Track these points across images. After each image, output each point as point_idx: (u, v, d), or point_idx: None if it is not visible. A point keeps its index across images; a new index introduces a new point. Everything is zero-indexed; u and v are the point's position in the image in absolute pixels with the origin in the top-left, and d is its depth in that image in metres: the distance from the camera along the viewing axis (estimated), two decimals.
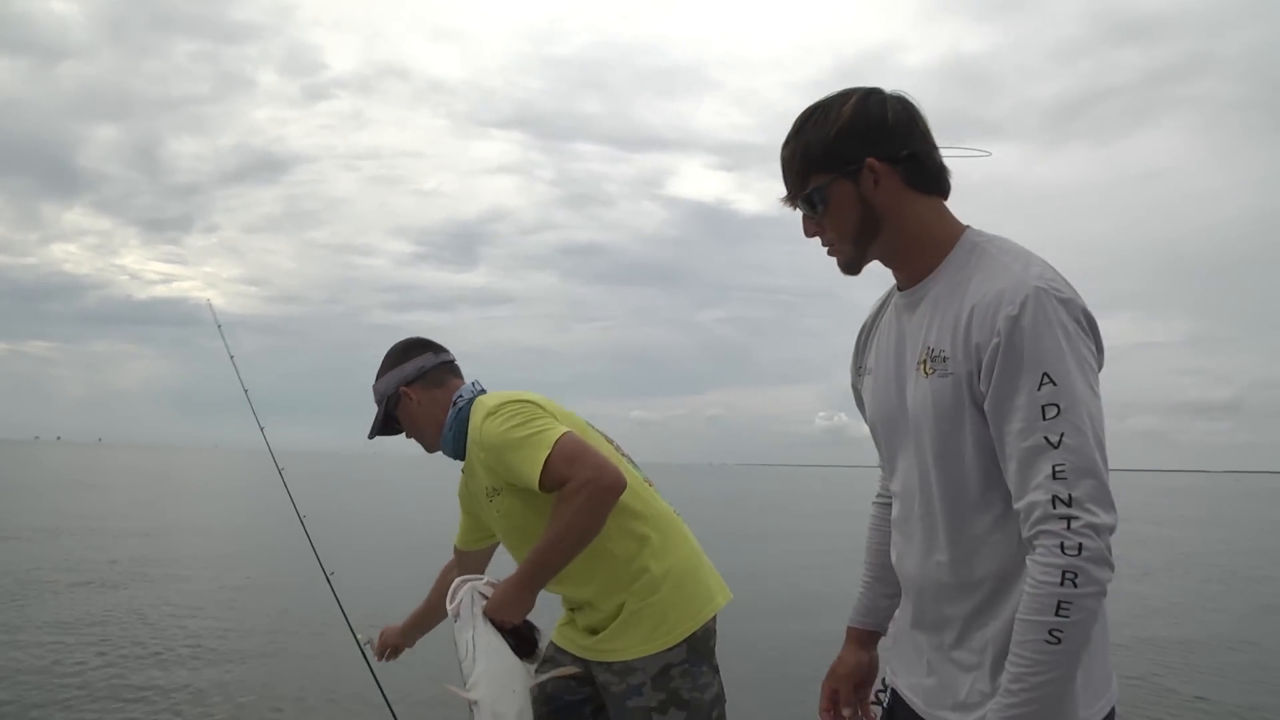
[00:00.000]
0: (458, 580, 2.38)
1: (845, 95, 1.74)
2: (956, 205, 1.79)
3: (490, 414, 2.37)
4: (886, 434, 1.88)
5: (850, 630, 2.18)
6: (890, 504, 1.98)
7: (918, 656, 1.84)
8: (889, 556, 1.97)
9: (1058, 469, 1.52)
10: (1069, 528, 1.50)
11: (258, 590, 12.72)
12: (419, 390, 2.58)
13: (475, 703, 2.21)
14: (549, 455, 2.23)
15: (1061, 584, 1.49)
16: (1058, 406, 1.53)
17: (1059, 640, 1.49)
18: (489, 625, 2.28)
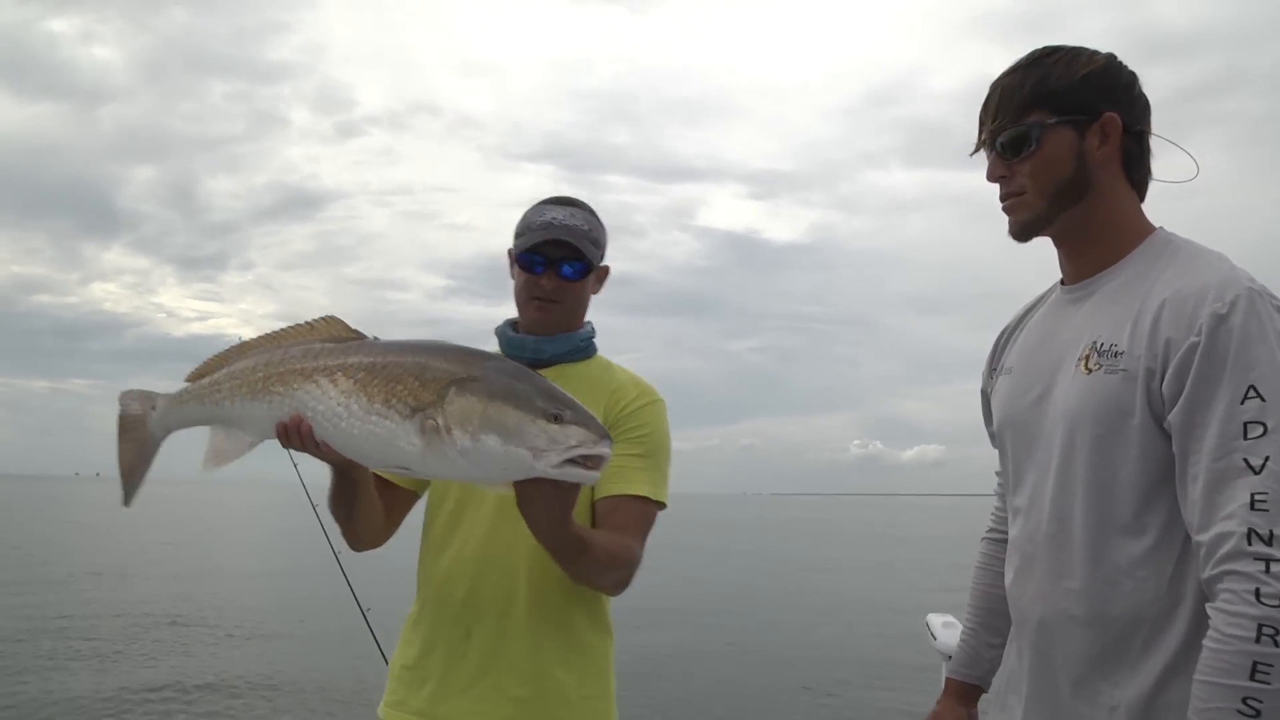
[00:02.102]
0: None
1: (1091, 50, 1.58)
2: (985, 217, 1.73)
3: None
4: (1016, 441, 1.65)
5: (949, 682, 1.92)
6: (1002, 540, 1.78)
7: (1028, 705, 1.58)
8: (997, 600, 1.74)
9: (1257, 499, 1.28)
10: (1268, 571, 1.25)
11: (294, 630, 12.71)
12: None
13: None
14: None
15: (1258, 640, 1.24)
16: (1263, 425, 1.30)
17: (1256, 712, 1.23)
18: None
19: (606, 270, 2.24)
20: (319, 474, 2.08)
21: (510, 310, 2.23)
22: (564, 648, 2.05)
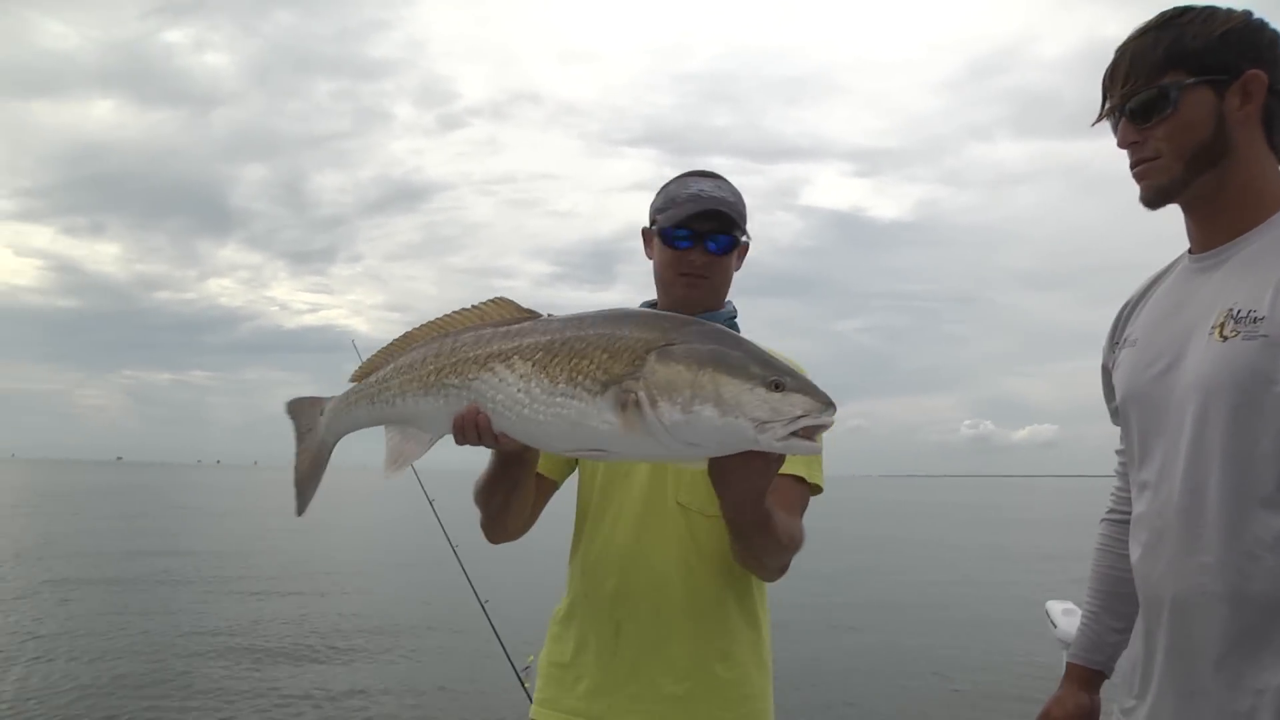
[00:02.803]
0: None
1: (1227, 9, 1.52)
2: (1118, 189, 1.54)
3: None
4: (1142, 413, 1.60)
5: (1071, 667, 1.87)
6: (1124, 520, 1.73)
7: (1161, 687, 1.52)
8: (1120, 583, 1.71)
9: None
10: None
11: (412, 622, 12.92)
12: None
13: None
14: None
15: None
16: None
17: None
18: None
19: (747, 247, 2.15)
20: (433, 459, 2.10)
21: (620, 295, 2.21)
22: (723, 642, 1.98)
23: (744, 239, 2.09)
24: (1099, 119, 1.60)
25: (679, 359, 1.53)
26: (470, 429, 1.67)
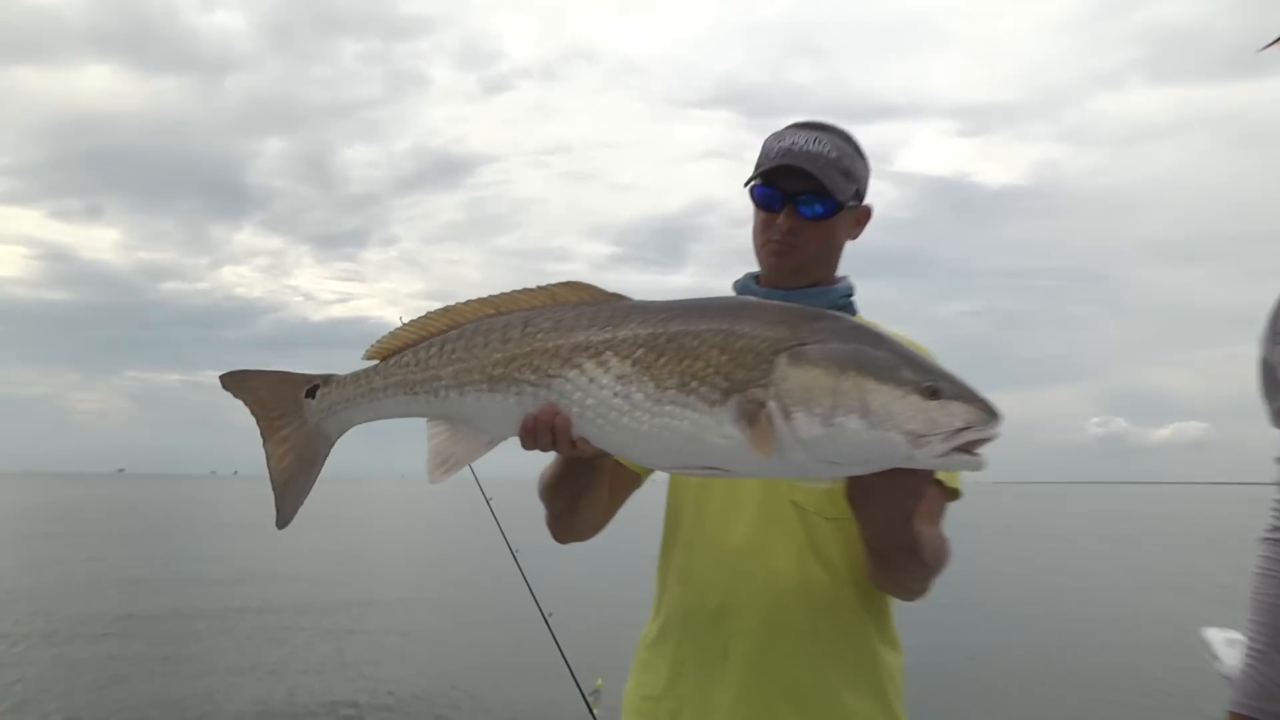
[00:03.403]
0: None
1: None
2: None
3: None
4: None
5: (1234, 718, 1.84)
6: None
7: None
8: None
9: None
10: None
11: (473, 636, 13.25)
12: None
13: None
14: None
15: None
16: None
17: None
18: None
19: (868, 212, 2.09)
20: (490, 464, 2.04)
21: (691, 279, 2.20)
22: (851, 666, 1.94)
23: (851, 204, 2.02)
24: (1271, 44, 1.53)
25: (815, 361, 1.49)
26: (545, 433, 1.63)
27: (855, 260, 2.06)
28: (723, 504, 2.00)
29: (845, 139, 2.04)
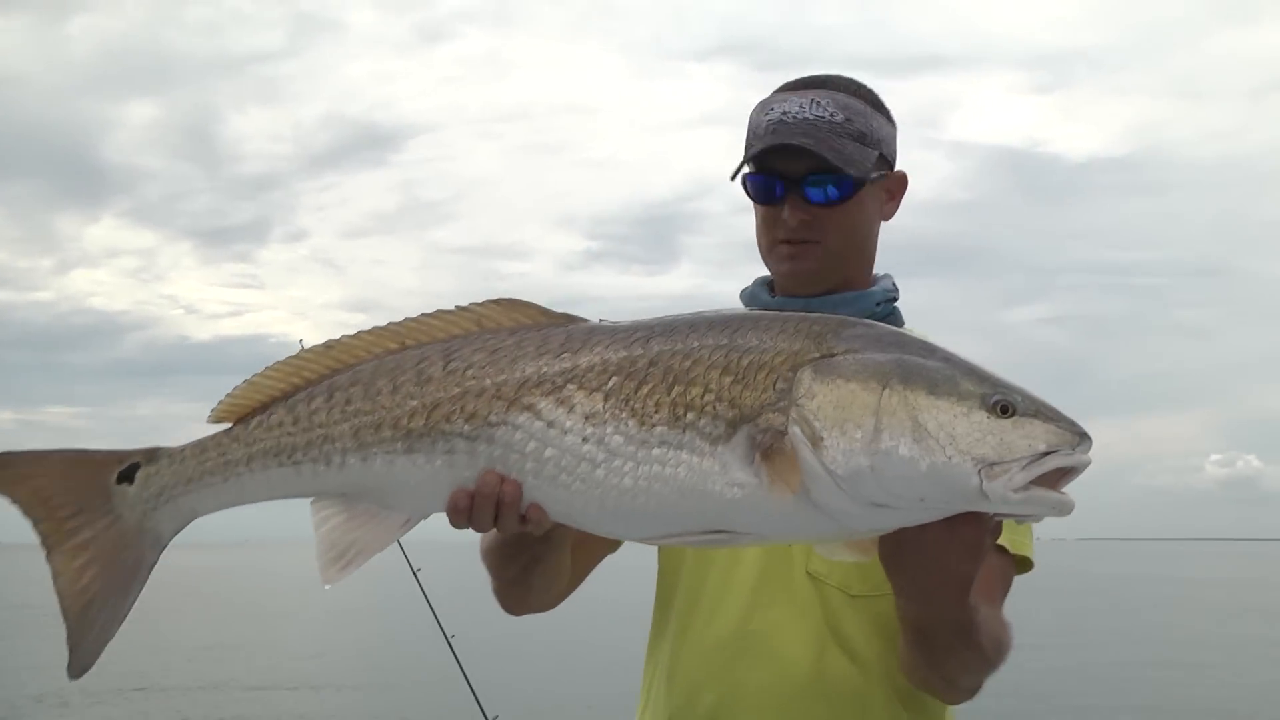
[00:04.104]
0: None
1: None
2: None
3: None
4: None
5: None
6: None
7: None
8: None
9: None
10: None
11: None
12: None
13: None
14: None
15: None
16: None
17: None
18: None
19: (902, 180, 2.10)
20: (417, 529, 2.01)
21: (685, 280, 2.23)
22: None
23: (875, 175, 2.00)
24: None
25: (849, 374, 1.47)
26: (487, 507, 1.57)
27: (896, 254, 2.05)
28: (720, 578, 1.98)
29: (854, 92, 2.02)
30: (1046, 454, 1.41)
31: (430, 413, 1.59)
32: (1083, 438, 1.45)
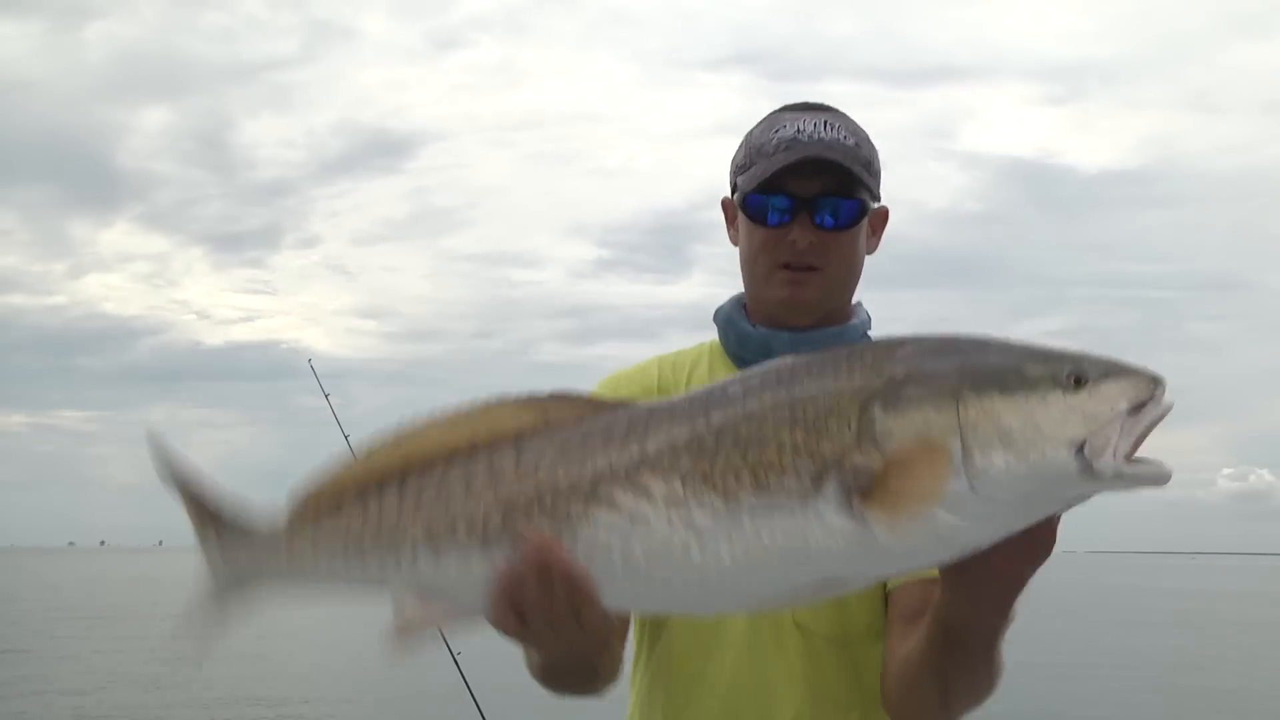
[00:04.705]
0: None
1: None
2: None
3: None
4: None
5: None
6: None
7: None
8: None
9: None
10: None
11: None
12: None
13: None
14: None
15: None
16: None
17: None
18: None
19: (885, 214, 2.09)
20: None
21: (698, 289, 2.16)
22: None
23: (874, 204, 2.01)
24: None
25: (920, 399, 1.44)
26: (564, 610, 1.49)
27: (911, 264, 1.98)
28: (701, 631, 1.98)
29: (853, 123, 2.01)
30: (1137, 409, 1.39)
31: (506, 511, 1.54)
32: (1157, 382, 1.42)
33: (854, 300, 2.09)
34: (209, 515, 1.73)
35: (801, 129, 1.94)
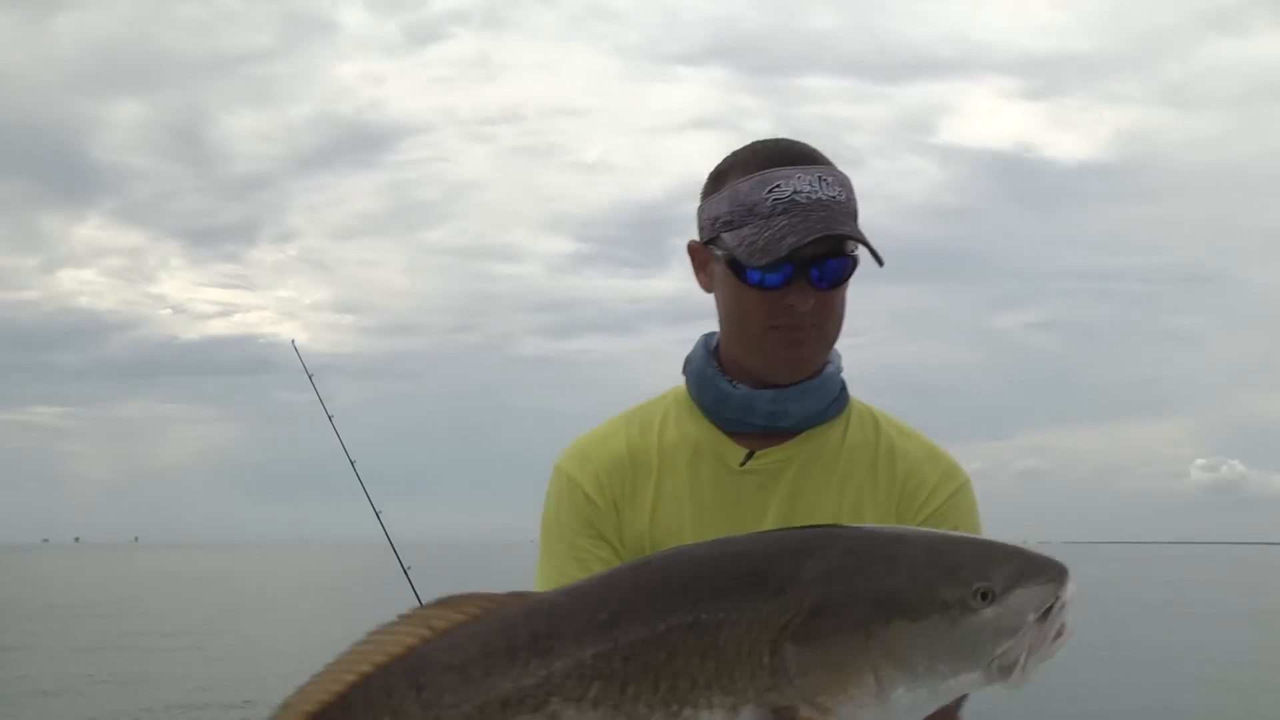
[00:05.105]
0: None
1: None
2: None
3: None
4: None
5: None
6: None
7: None
8: None
9: None
10: None
11: None
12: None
13: None
14: None
15: None
16: None
17: None
18: None
19: (858, 260, 2.03)
20: (407, 529, 1.93)
21: (676, 283, 2.05)
22: None
23: (855, 253, 1.98)
24: None
25: (830, 634, 1.41)
26: None
27: (889, 258, 1.97)
28: None
29: (837, 170, 1.98)
30: (1042, 618, 1.41)
31: None
32: (1061, 577, 1.44)
33: None
34: None
35: (799, 190, 1.90)
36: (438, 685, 1.45)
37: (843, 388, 2.07)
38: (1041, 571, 1.43)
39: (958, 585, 1.41)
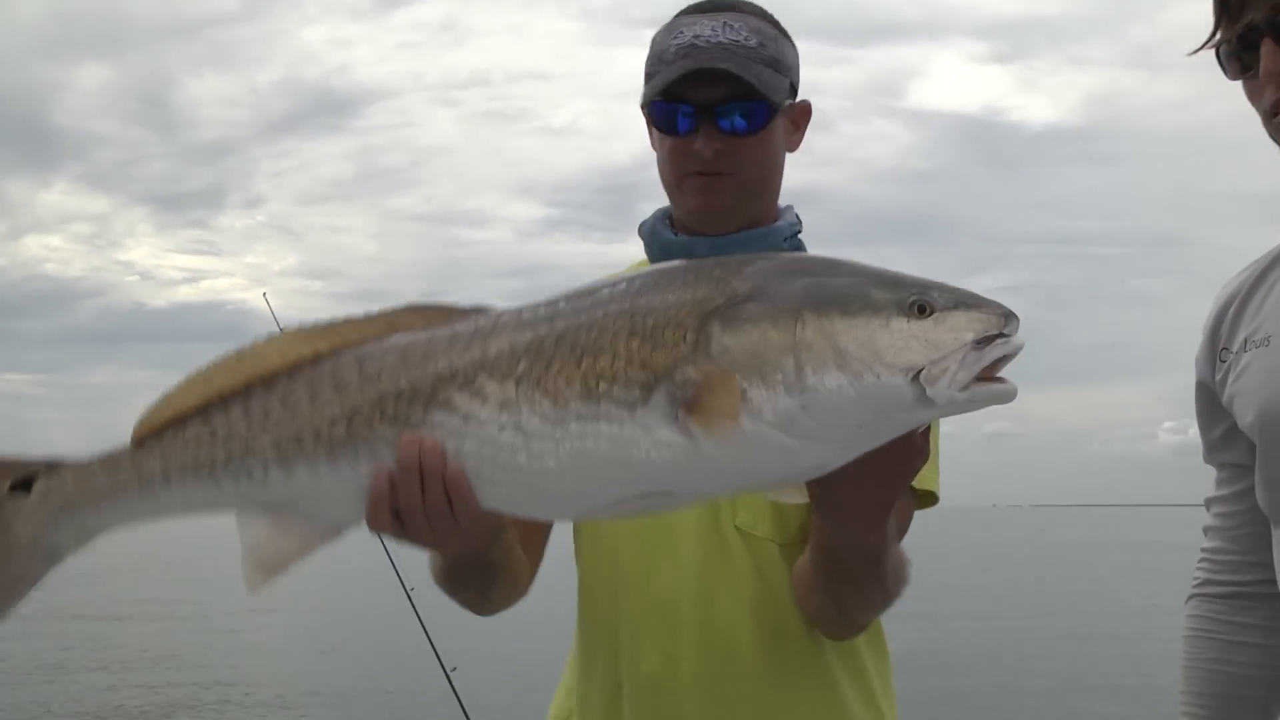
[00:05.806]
0: None
1: None
2: None
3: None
4: None
5: None
6: (1230, 595, 1.93)
7: None
8: (1237, 683, 1.88)
9: None
10: None
11: (363, 697, 13.88)
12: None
13: None
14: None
15: None
16: None
17: None
18: None
19: (806, 109, 2.06)
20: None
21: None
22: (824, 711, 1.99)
23: (786, 101, 1.97)
24: (1204, 47, 1.76)
25: (758, 316, 1.42)
26: (411, 479, 1.51)
27: (858, 222, 2.15)
28: (647, 540, 1.97)
29: (763, 16, 1.98)
30: (979, 342, 1.38)
31: (350, 420, 1.55)
32: (1008, 317, 1.41)
33: (783, 204, 2.07)
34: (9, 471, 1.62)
35: (699, 34, 1.91)
36: (379, 363, 1.56)
37: (791, 241, 2.03)
38: (988, 304, 1.42)
39: (898, 291, 1.41)
